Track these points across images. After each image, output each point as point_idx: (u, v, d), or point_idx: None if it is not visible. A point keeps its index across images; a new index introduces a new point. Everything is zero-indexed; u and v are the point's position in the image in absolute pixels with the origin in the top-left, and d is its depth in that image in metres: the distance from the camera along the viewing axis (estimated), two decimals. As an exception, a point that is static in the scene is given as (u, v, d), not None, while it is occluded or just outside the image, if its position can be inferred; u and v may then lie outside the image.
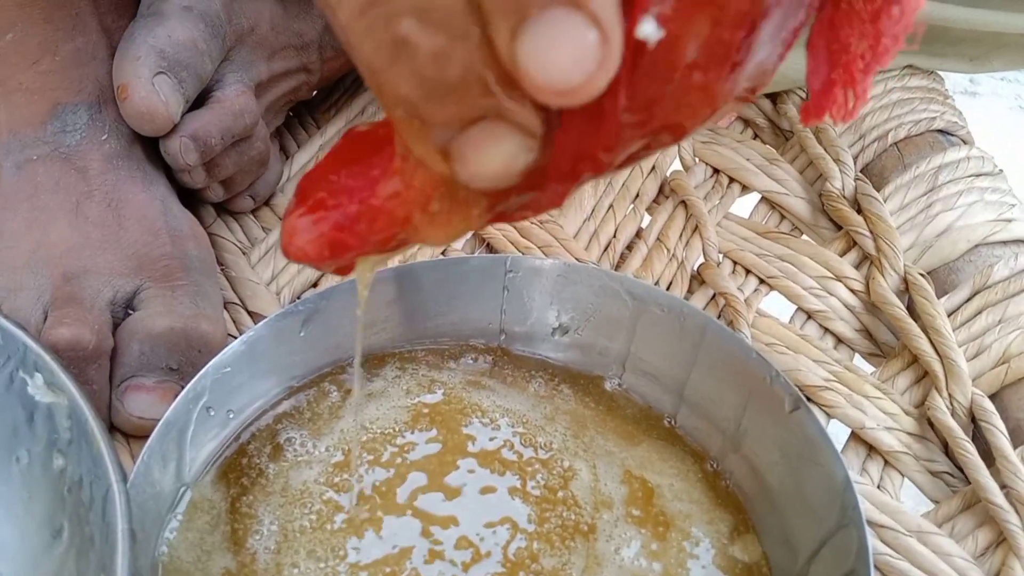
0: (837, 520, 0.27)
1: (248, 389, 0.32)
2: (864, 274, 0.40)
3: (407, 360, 0.34)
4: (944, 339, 0.36)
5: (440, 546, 0.29)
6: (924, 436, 0.35)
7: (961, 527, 0.33)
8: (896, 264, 0.39)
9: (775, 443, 0.30)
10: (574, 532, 0.29)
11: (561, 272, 0.34)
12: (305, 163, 0.47)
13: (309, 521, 0.29)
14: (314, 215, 0.20)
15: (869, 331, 0.39)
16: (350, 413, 0.32)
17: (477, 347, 0.35)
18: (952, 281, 0.39)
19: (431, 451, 0.31)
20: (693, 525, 0.30)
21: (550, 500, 0.30)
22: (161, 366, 0.34)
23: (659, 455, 0.32)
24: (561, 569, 0.28)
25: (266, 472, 0.30)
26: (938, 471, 0.35)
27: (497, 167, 0.17)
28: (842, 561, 0.26)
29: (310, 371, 0.33)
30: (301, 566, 0.28)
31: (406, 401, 0.33)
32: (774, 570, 0.29)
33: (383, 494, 0.30)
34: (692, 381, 0.32)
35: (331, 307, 0.33)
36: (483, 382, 0.34)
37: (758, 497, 0.30)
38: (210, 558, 0.28)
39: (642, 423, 0.33)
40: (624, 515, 0.30)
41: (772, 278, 0.41)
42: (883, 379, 0.37)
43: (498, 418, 0.32)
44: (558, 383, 0.34)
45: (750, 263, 0.41)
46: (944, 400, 0.35)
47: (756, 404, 0.30)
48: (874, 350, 0.39)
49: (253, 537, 0.28)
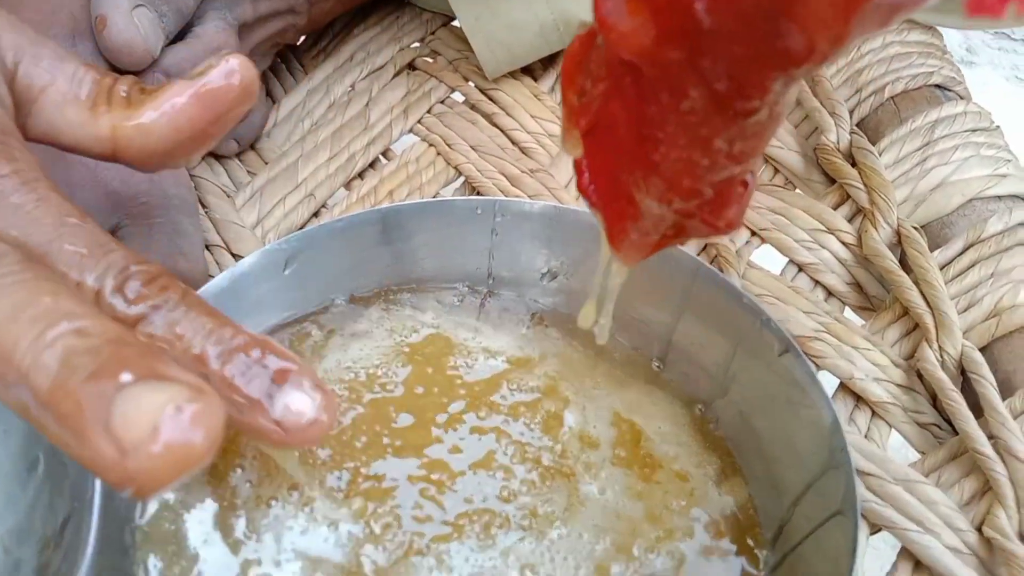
0: (824, 463, 0.27)
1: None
2: (857, 227, 0.40)
3: (392, 302, 0.34)
4: (936, 291, 0.36)
5: (422, 484, 0.28)
6: (912, 388, 0.35)
7: (947, 477, 0.32)
8: (889, 217, 0.39)
9: (763, 387, 0.29)
10: (558, 473, 0.29)
11: (551, 216, 0.33)
12: (293, 108, 0.46)
13: (289, 456, 0.28)
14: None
15: (860, 285, 0.39)
16: (333, 352, 0.31)
17: (464, 291, 0.34)
18: (945, 235, 0.39)
19: (416, 391, 0.31)
20: (679, 467, 0.29)
21: (535, 441, 0.30)
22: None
23: (648, 398, 0.31)
24: (544, 509, 0.28)
25: (248, 408, 0.29)
26: (925, 423, 0.34)
27: None
28: (828, 504, 0.26)
29: (293, 311, 0.33)
30: (282, 500, 0.27)
31: (390, 341, 0.32)
32: (760, 513, 0.29)
33: (366, 433, 0.29)
34: (681, 326, 0.32)
35: (315, 247, 0.32)
36: (470, 324, 0.33)
37: (745, 441, 0.30)
38: (190, 493, 0.27)
39: (630, 367, 0.32)
40: (611, 456, 0.30)
41: (764, 230, 0.40)
42: (873, 331, 0.37)
43: (485, 359, 0.32)
44: (547, 326, 0.34)
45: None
46: (934, 352, 0.35)
47: (745, 349, 0.30)
48: (864, 304, 0.39)
49: (233, 471, 0.28)
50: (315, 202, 0.41)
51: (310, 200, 0.41)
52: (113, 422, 0.17)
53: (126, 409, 0.18)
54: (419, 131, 0.45)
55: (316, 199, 0.41)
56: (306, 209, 0.41)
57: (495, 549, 0.27)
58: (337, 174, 0.42)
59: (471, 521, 0.28)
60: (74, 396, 0.18)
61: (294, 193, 0.42)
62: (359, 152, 0.43)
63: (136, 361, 0.18)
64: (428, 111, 0.45)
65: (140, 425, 0.17)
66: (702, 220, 0.20)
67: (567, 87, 0.21)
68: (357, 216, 0.33)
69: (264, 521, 0.27)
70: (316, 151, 0.43)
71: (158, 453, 0.17)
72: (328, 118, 0.45)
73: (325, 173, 0.42)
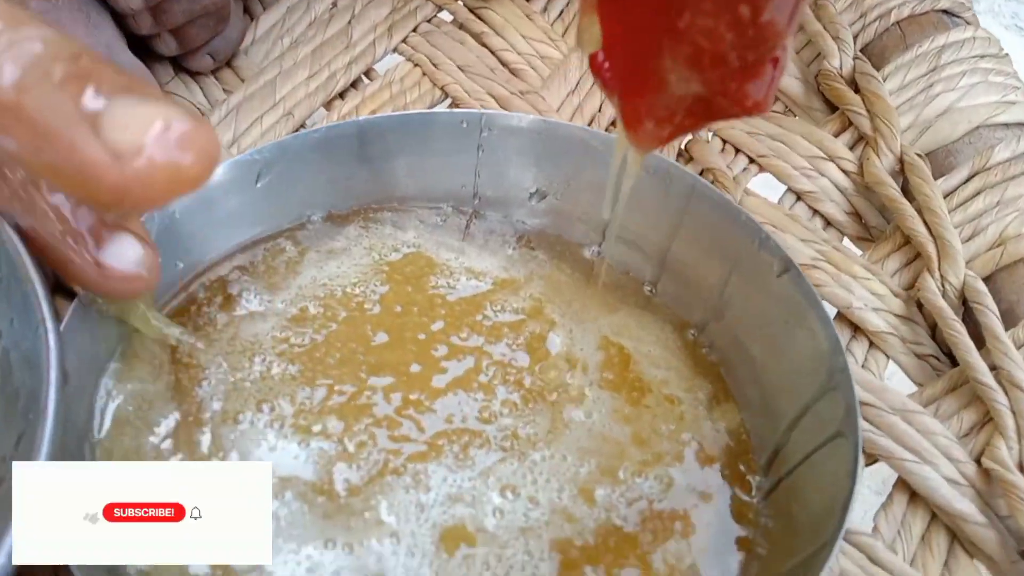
0: (822, 386, 0.25)
1: (198, 239, 0.29)
2: (858, 156, 0.38)
3: (372, 220, 0.32)
4: (939, 219, 0.35)
5: (398, 403, 0.27)
6: (911, 319, 0.34)
7: (946, 408, 0.31)
8: (893, 144, 0.37)
9: (760, 309, 0.28)
10: (540, 395, 0.28)
11: (540, 130, 0.31)
12: (272, 24, 0.44)
13: (260, 372, 0.27)
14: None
15: (859, 214, 0.38)
16: (308, 269, 0.30)
17: (448, 211, 0.33)
18: (950, 163, 0.37)
19: (394, 309, 0.29)
20: (669, 391, 0.28)
21: (519, 362, 0.28)
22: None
23: (637, 322, 0.30)
24: (526, 431, 0.27)
25: (215, 321, 0.28)
26: (924, 354, 0.33)
27: None
28: (825, 427, 0.25)
29: (266, 226, 0.31)
30: (250, 416, 0.26)
31: (368, 259, 0.31)
32: (753, 438, 0.27)
33: (340, 350, 0.28)
34: (675, 248, 0.30)
35: (290, 159, 0.30)
36: (452, 244, 0.32)
37: (739, 366, 0.29)
38: (152, 407, 0.26)
39: (620, 291, 0.31)
40: (598, 380, 0.28)
41: (762, 157, 0.39)
42: (872, 261, 0.35)
43: (467, 280, 0.30)
44: (533, 248, 0.32)
45: (740, 141, 0.39)
46: (936, 281, 0.34)
47: (742, 270, 0.28)
48: (863, 234, 0.37)
49: (199, 387, 0.26)
50: (293, 121, 0.39)
51: (288, 119, 0.39)
52: (105, 125, 0.17)
53: (120, 113, 0.17)
54: (404, 50, 0.42)
55: (294, 118, 0.39)
56: (284, 128, 0.39)
57: (474, 469, 0.26)
58: (317, 93, 0.40)
59: (450, 441, 0.26)
60: (61, 104, 0.17)
61: (271, 112, 0.40)
62: (340, 71, 0.41)
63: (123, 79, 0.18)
64: (414, 30, 0.43)
65: (134, 129, 0.17)
66: (727, 97, 0.18)
67: None
68: (333, 127, 0.31)
69: (231, 437, 0.25)
70: (295, 69, 0.41)
71: (153, 160, 0.17)
72: (308, 35, 0.43)
73: (304, 92, 0.40)
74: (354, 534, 0.24)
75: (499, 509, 0.25)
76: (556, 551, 0.24)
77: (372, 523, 0.24)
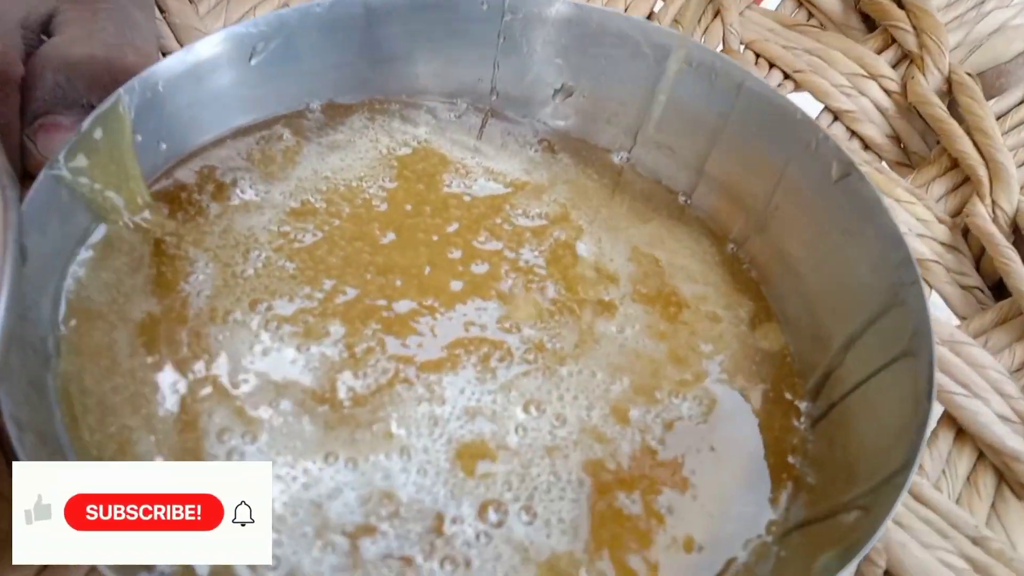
0: (886, 301, 0.23)
1: (184, 118, 0.26)
2: (901, 75, 0.36)
3: (378, 112, 0.29)
4: (991, 141, 0.32)
5: (410, 307, 0.24)
6: (956, 247, 0.31)
7: (995, 342, 0.29)
8: (940, 62, 0.35)
9: (813, 219, 0.25)
10: (567, 306, 0.25)
11: (570, 17, 0.28)
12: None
13: (255, 268, 0.24)
14: None
15: (900, 138, 0.35)
16: (308, 160, 0.27)
17: (464, 107, 0.29)
18: (1002, 84, 0.35)
19: (404, 208, 0.26)
20: (708, 308, 0.25)
21: (542, 271, 0.25)
22: (81, 103, 0.28)
23: (671, 235, 0.27)
24: (552, 344, 0.24)
25: (206, 211, 0.25)
26: (969, 285, 0.31)
27: None
28: (889, 346, 0.22)
29: (260, 112, 0.28)
30: (241, 315, 0.23)
31: (375, 153, 0.27)
32: (797, 361, 0.25)
33: (344, 249, 0.25)
34: (716, 152, 0.27)
35: (289, 36, 0.27)
36: (468, 142, 0.28)
37: (783, 283, 0.26)
38: (129, 301, 0.23)
39: (653, 200, 0.28)
40: (631, 292, 0.25)
41: (799, 72, 0.36)
42: (917, 185, 0.33)
43: (485, 180, 0.27)
44: (556, 152, 0.29)
45: (775, 55, 0.36)
46: (986, 207, 0.31)
47: (794, 174, 0.26)
48: (903, 159, 0.35)
49: (185, 280, 0.23)
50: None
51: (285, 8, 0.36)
52: None
53: None
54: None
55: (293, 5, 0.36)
56: (278, 17, 0.35)
57: (495, 382, 0.23)
58: (315, -20, 0.36)
59: (467, 351, 0.23)
60: None
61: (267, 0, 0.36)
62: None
63: None
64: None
65: None
66: None
67: None
68: (339, 3, 0.27)
69: (219, 337, 0.22)
70: (291, -48, 0.37)
71: None
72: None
73: (301, -22, 0.36)
74: (359, 448, 0.21)
75: (522, 426, 0.22)
76: (586, 473, 0.22)
77: (380, 436, 0.22)
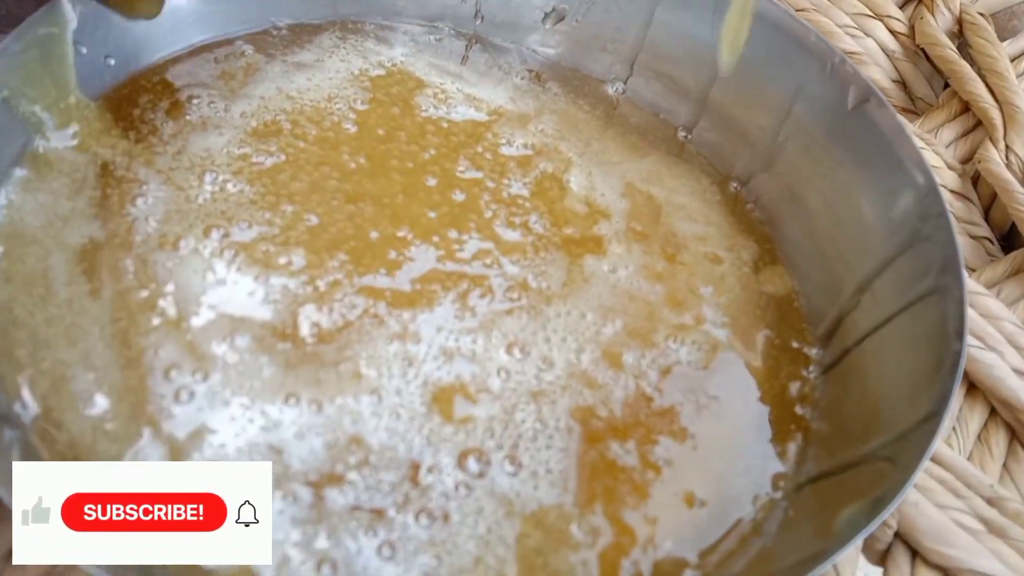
0: (908, 237, 0.21)
1: (134, 32, 0.23)
2: (909, 15, 0.34)
3: (351, 31, 0.26)
4: (1006, 83, 0.30)
5: (378, 238, 0.21)
6: (967, 196, 0.29)
7: (1008, 293, 0.27)
8: (951, 2, 0.33)
9: (826, 152, 0.23)
10: (553, 241, 0.23)
11: (562, -68, 0.26)
12: None
13: (211, 192, 0.21)
14: None
15: (906, 83, 0.33)
16: (271, 79, 0.24)
17: (444, 30, 0.27)
18: (1014, 27, 0.33)
19: (376, 132, 0.24)
20: (708, 249, 0.23)
21: (526, 203, 0.23)
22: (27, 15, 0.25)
23: (670, 171, 0.25)
24: (537, 282, 0.22)
25: (160, 130, 0.22)
26: (978, 236, 0.29)
27: None
28: (910, 285, 0.20)
29: (219, 31, 0.25)
30: (193, 242, 0.20)
31: (346, 72, 0.25)
32: (807, 306, 0.23)
33: (311, 174, 0.22)
34: (720, 82, 0.25)
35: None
36: (448, 67, 0.26)
37: (790, 224, 0.24)
38: (67, 225, 0.20)
39: (650, 135, 0.26)
40: (624, 229, 0.23)
41: (801, 11, 0.33)
42: (926, 130, 0.31)
43: (465, 107, 0.25)
44: (544, 81, 0.27)
45: (776, -8, 0.34)
46: (999, 152, 0.29)
47: (806, 102, 0.23)
48: (909, 106, 0.33)
49: (133, 203, 0.21)
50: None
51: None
52: None
53: None
54: None
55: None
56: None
57: (474, 320, 0.21)
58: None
59: (444, 287, 0.21)
60: None
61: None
62: None
63: None
64: None
65: None
66: None
67: None
68: (309, -91, 0.25)
69: (167, 265, 0.20)
70: None
71: None
72: None
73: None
74: (324, 389, 0.19)
75: (505, 368, 0.20)
76: (575, 420, 0.20)
77: (347, 377, 0.19)
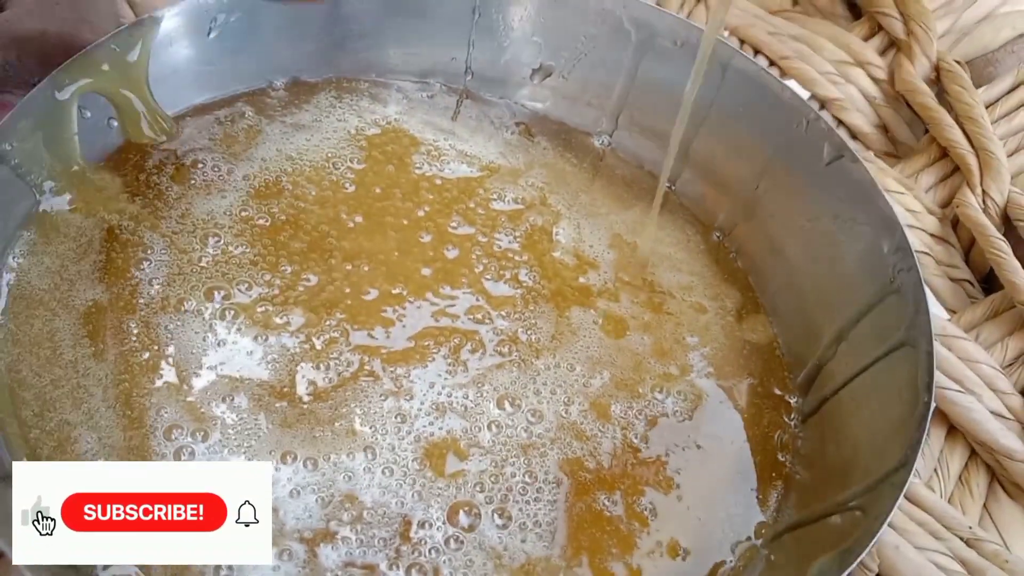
0: (881, 289, 0.22)
1: (136, 95, 0.24)
2: (889, 62, 0.35)
3: (346, 90, 0.27)
4: (981, 130, 0.31)
5: (375, 295, 0.22)
6: (946, 239, 0.30)
7: (987, 336, 0.28)
8: (928, 49, 0.34)
9: (803, 204, 0.24)
10: (542, 294, 0.23)
11: (550, -6, 0.27)
12: None
13: (213, 255, 0.22)
14: None
15: (887, 127, 0.34)
16: (271, 141, 0.25)
17: (437, 87, 0.28)
18: (990, 73, 0.34)
19: (373, 190, 0.25)
20: (694, 299, 0.24)
21: (517, 256, 0.24)
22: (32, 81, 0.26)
23: (655, 222, 0.26)
24: (527, 335, 0.23)
25: (165, 194, 0.23)
26: (958, 278, 0.30)
27: None
28: (885, 335, 0.21)
29: (219, 90, 0.26)
30: (196, 304, 0.21)
31: (343, 132, 0.26)
32: (788, 355, 0.24)
33: (310, 233, 0.23)
34: (702, 135, 0.26)
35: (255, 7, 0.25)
36: (441, 124, 0.27)
37: (771, 272, 0.25)
38: (73, 288, 0.21)
39: (635, 186, 0.27)
40: (612, 280, 0.24)
41: (784, 59, 0.34)
42: (906, 175, 0.32)
43: (457, 163, 0.26)
44: (533, 135, 0.28)
45: (760, 41, 0.35)
46: (977, 196, 0.30)
47: (783, 158, 0.24)
48: (890, 149, 0.34)
49: (138, 267, 0.22)
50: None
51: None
52: None
53: None
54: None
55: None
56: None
57: (466, 375, 0.21)
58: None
59: (437, 343, 0.22)
60: None
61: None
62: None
63: None
64: None
65: None
66: None
67: None
68: (305, -25, 0.26)
69: (169, 327, 0.21)
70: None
71: None
72: None
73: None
74: (319, 447, 0.20)
75: (496, 422, 0.21)
76: (564, 472, 0.20)
77: (342, 434, 0.20)
